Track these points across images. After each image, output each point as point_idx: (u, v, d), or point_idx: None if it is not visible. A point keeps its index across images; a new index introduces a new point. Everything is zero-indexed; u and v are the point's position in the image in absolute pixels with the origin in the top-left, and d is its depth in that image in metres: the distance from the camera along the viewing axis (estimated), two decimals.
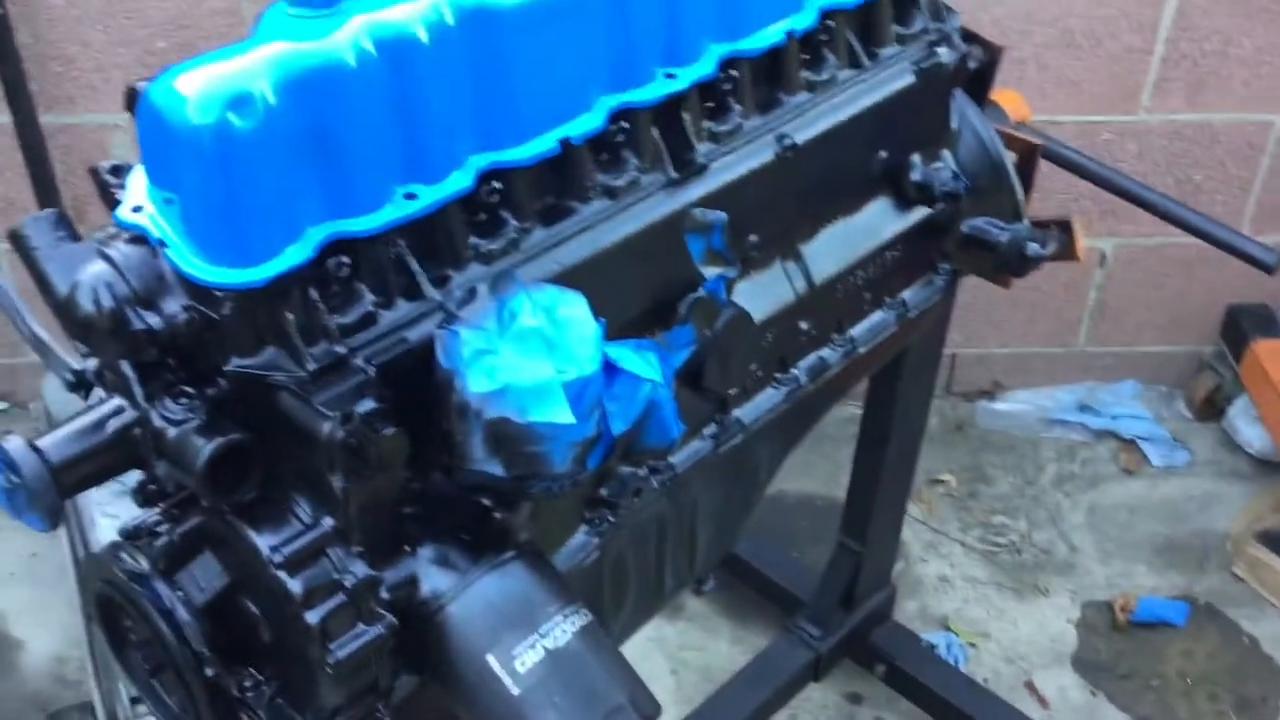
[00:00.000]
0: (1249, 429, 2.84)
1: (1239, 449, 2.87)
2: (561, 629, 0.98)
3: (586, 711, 0.96)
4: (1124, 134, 2.65)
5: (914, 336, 1.65)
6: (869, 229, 1.45)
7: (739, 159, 1.23)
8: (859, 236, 1.43)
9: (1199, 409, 2.95)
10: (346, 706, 0.98)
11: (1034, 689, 2.39)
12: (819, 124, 1.30)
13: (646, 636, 1.38)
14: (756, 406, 1.35)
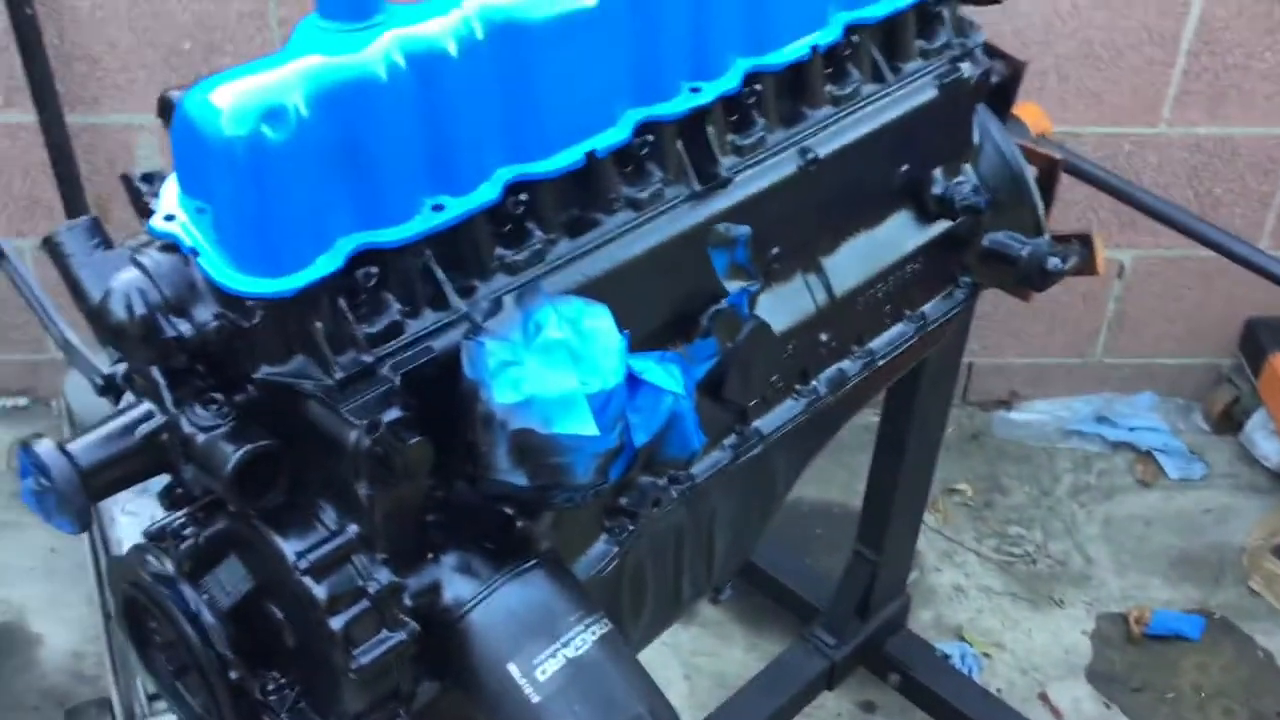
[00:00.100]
0: (1266, 442, 2.83)
1: (1256, 462, 2.86)
2: (582, 638, 0.99)
3: None
4: (1144, 146, 2.65)
5: (933, 348, 1.65)
6: (890, 242, 1.45)
7: (762, 172, 1.24)
8: (880, 249, 1.44)
9: (1216, 422, 2.95)
10: (369, 711, 1.00)
11: (1048, 700, 2.39)
12: (842, 138, 1.31)
13: (661, 642, 1.39)
14: (776, 417, 1.36)
